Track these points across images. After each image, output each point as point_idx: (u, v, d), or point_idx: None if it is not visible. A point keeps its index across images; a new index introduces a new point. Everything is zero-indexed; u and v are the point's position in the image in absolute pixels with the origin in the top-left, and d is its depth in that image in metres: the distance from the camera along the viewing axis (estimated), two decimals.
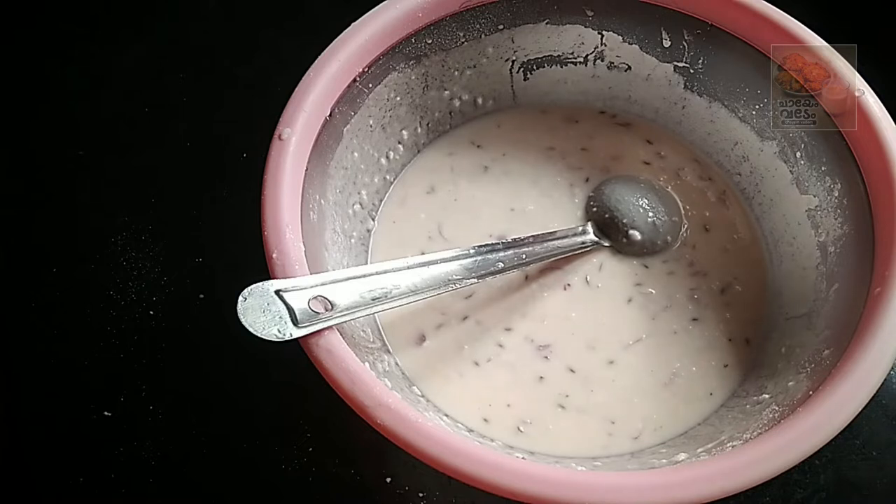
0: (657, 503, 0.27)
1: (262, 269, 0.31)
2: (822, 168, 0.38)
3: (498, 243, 0.38)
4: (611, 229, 0.42)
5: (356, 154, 0.40)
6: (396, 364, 0.38)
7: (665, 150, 0.45)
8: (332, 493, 0.40)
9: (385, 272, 0.33)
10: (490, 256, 0.37)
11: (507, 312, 0.40)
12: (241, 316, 0.28)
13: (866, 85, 0.36)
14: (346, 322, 0.31)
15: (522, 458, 0.33)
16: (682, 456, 0.32)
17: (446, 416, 0.37)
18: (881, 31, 0.51)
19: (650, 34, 0.42)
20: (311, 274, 0.31)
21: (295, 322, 0.29)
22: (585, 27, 0.42)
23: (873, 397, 0.29)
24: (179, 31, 0.56)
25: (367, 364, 0.31)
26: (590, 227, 0.42)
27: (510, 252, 0.38)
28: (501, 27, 0.42)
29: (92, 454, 0.41)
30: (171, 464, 0.40)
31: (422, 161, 0.45)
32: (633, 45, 0.43)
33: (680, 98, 0.44)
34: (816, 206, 0.38)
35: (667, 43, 0.42)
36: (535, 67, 0.45)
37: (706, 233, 0.43)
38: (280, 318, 0.29)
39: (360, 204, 0.41)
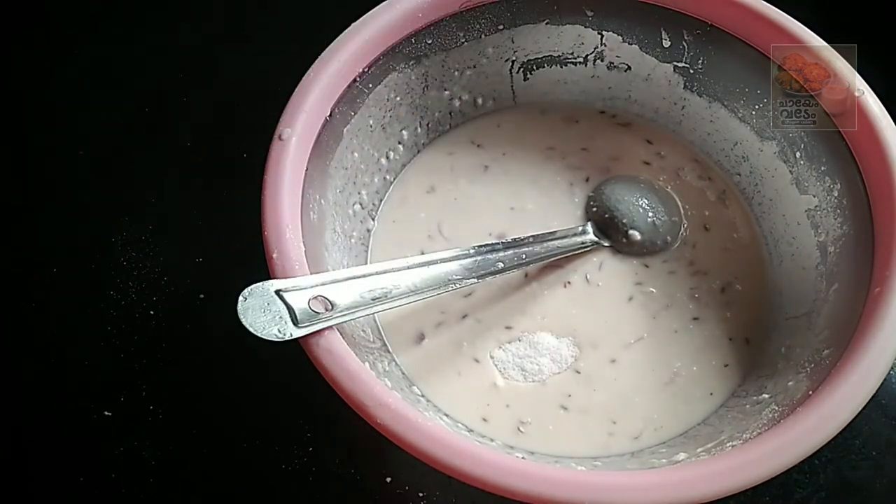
0: (657, 503, 0.27)
1: (262, 269, 0.31)
2: (822, 168, 0.38)
3: (498, 243, 0.38)
4: (611, 229, 0.42)
5: (356, 154, 0.40)
6: (396, 364, 0.38)
7: (665, 150, 0.45)
8: (332, 493, 0.40)
9: (385, 272, 0.33)
10: (490, 256, 0.37)
11: (507, 311, 0.40)
12: (241, 316, 0.28)
13: (866, 85, 0.36)
14: (346, 322, 0.31)
15: (522, 458, 0.33)
16: (682, 456, 0.32)
17: (446, 415, 0.37)
18: (881, 31, 0.51)
19: (650, 34, 0.42)
20: (311, 274, 0.31)
21: (295, 322, 0.29)
22: (585, 27, 0.42)
23: (873, 397, 0.29)
24: (179, 31, 0.56)
25: (367, 364, 0.31)
26: (590, 227, 0.42)
27: (510, 252, 0.38)
28: (501, 27, 0.42)
29: (92, 454, 0.41)
30: (171, 464, 0.40)
31: (422, 161, 0.45)
32: (633, 45, 0.43)
33: (680, 98, 0.44)
34: (816, 206, 0.38)
35: (667, 43, 0.42)
36: (534, 67, 0.45)
37: (706, 232, 0.43)
38: (280, 318, 0.29)
39: (360, 204, 0.41)
